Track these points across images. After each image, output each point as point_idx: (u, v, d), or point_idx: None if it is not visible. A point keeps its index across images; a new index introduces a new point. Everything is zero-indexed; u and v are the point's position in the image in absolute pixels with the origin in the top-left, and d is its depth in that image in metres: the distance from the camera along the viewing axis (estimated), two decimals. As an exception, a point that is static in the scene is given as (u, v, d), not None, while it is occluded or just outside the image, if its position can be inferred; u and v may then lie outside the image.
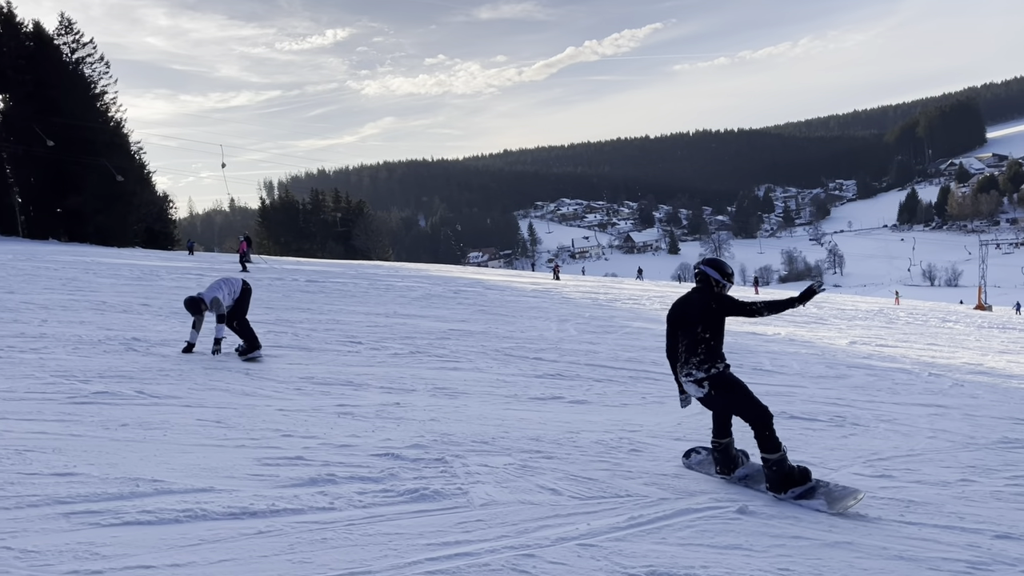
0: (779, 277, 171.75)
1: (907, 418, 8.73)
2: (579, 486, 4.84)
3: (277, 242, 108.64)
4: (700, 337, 5.30)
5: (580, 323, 21.48)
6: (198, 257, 43.75)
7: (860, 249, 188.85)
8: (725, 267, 5.58)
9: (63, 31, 68.02)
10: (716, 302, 5.33)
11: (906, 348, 21.39)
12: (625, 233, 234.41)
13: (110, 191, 63.79)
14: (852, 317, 34.70)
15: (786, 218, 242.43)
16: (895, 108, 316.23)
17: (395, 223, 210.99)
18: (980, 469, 6.10)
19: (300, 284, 28.12)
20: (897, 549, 3.96)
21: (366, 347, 12.59)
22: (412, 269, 49.60)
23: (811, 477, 5.09)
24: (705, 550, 3.77)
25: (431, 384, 8.71)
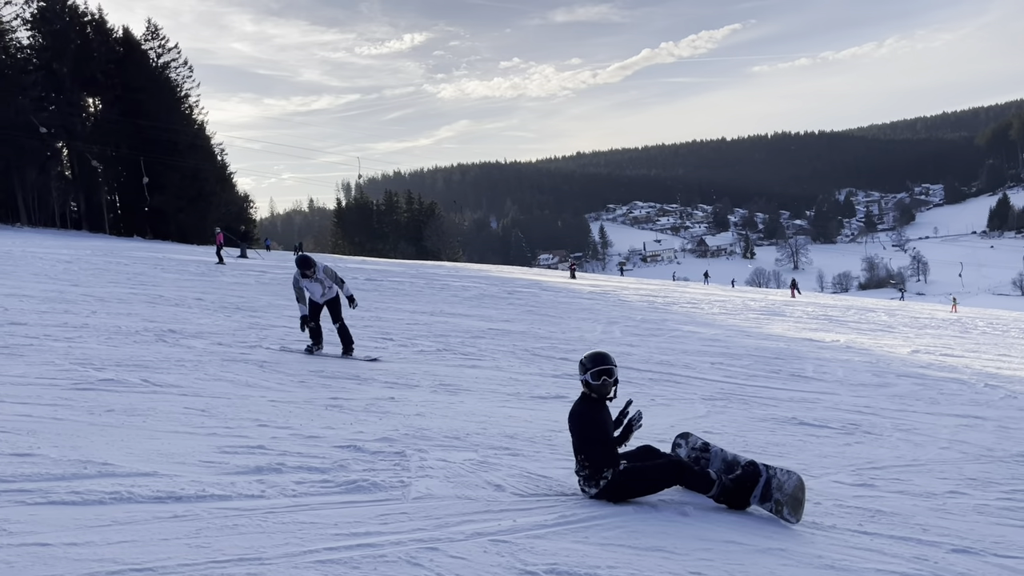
0: (859, 284, 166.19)
1: (930, 428, 8.34)
2: (529, 483, 4.79)
3: (351, 242, 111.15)
4: (577, 447, 4.83)
5: (629, 325, 21.28)
6: (262, 255, 44.95)
7: (947, 256, 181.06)
8: (603, 361, 4.96)
9: (150, 36, 71.03)
10: (591, 411, 4.78)
11: (972, 359, 20.47)
12: (698, 237, 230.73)
13: (192, 191, 66.44)
14: (924, 325, 33.39)
15: (868, 223, 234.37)
16: (987, 110, 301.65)
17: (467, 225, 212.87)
18: (980, 482, 5.78)
19: (358, 283, 28.66)
20: (832, 558, 3.79)
21: (395, 344, 12.75)
22: (474, 269, 50.01)
23: (759, 471, 4.74)
24: (624, 550, 3.68)
25: (438, 380, 8.76)
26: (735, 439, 6.75)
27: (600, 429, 4.73)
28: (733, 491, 4.74)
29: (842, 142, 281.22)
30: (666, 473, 4.74)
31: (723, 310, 31.50)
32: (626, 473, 4.70)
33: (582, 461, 4.75)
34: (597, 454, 4.67)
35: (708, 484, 4.75)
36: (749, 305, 36.48)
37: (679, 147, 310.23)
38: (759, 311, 32.86)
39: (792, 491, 4.57)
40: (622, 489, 4.68)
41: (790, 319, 30.02)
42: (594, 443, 4.69)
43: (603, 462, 4.67)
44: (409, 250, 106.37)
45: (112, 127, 64.30)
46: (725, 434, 6.95)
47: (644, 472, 4.73)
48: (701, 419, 7.67)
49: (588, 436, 4.71)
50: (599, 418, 4.76)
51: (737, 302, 38.24)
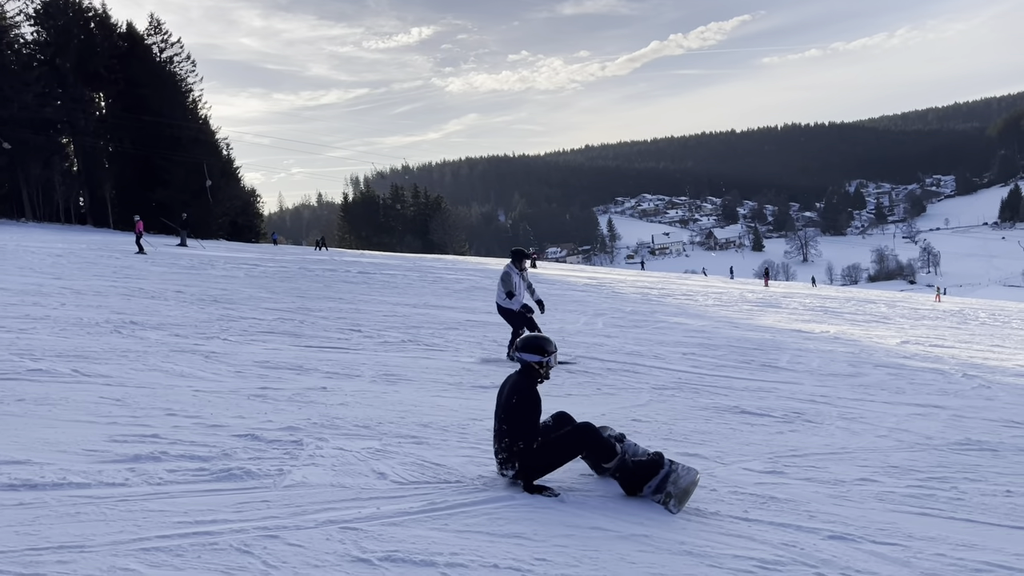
0: (868, 276, 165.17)
1: (877, 417, 8.22)
2: (416, 471, 4.73)
3: (358, 236, 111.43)
4: (500, 429, 4.77)
5: (615, 317, 21.18)
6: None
7: (957, 248, 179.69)
8: (545, 345, 4.94)
9: (153, 31, 71.19)
10: (517, 397, 4.72)
11: (961, 349, 20.28)
12: (707, 229, 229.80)
13: (196, 185, 66.66)
14: (922, 316, 33.12)
15: (878, 215, 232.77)
16: (999, 100, 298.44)
17: (475, 218, 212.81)
18: (900, 470, 5.68)
19: (350, 275, 28.69)
20: (695, 544, 3.71)
21: (361, 335, 12.71)
22: (473, 263, 49.93)
23: (663, 463, 4.70)
24: (479, 537, 3.62)
25: (383, 371, 8.71)
26: (662, 427, 6.68)
27: (536, 408, 4.73)
28: (633, 472, 4.70)
29: (852, 133, 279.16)
30: (572, 438, 4.72)
31: (718, 302, 31.31)
32: (536, 450, 4.67)
33: (503, 441, 4.72)
34: (521, 430, 4.65)
35: (611, 454, 4.74)
36: (746, 297, 36.27)
37: (688, 139, 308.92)
38: (754, 303, 32.67)
39: (685, 486, 4.55)
40: (534, 466, 4.65)
41: (785, 310, 29.82)
42: (523, 419, 4.68)
43: (524, 439, 4.66)
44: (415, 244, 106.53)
45: (116, 122, 64.60)
46: (654, 422, 6.87)
47: (550, 443, 4.70)
48: (638, 408, 7.59)
49: (521, 410, 4.68)
50: (537, 397, 4.77)
51: (734, 294, 38.04)
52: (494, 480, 4.66)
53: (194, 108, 72.57)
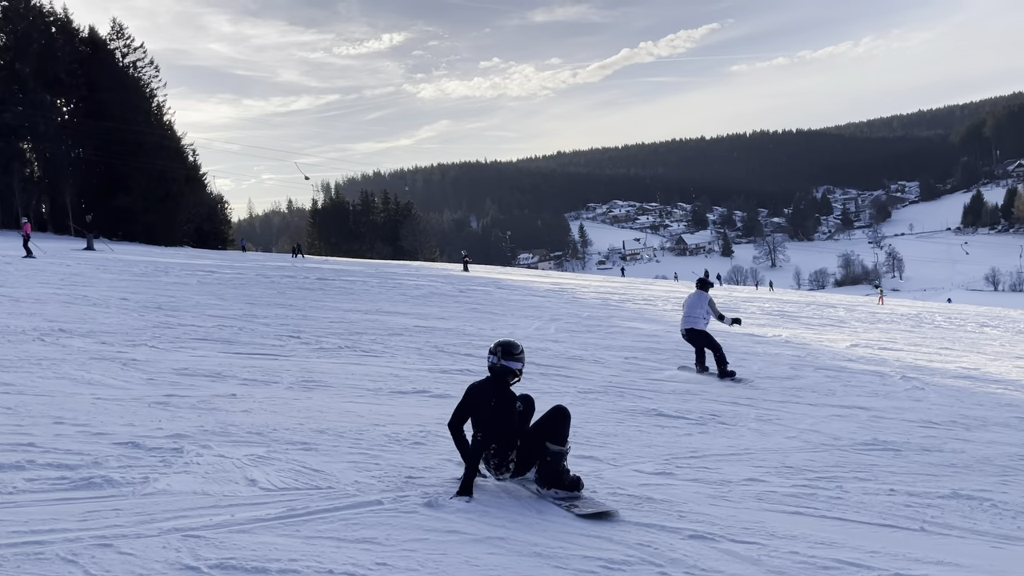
0: (835, 281, 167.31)
1: (793, 419, 8.31)
2: (290, 478, 4.69)
3: (328, 243, 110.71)
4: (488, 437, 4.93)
5: (570, 322, 21.22)
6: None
7: (922, 253, 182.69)
8: (515, 349, 5.14)
9: (115, 36, 70.26)
10: (497, 399, 4.90)
11: (909, 352, 20.59)
12: (677, 235, 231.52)
13: (159, 191, 65.79)
14: (877, 320, 33.59)
15: (845, 220, 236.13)
16: (962, 108, 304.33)
17: (446, 225, 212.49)
18: (794, 470, 5.74)
19: (308, 282, 28.46)
20: (547, 546, 3.72)
21: (298, 342, 12.60)
22: (437, 268, 49.83)
23: (580, 488, 4.84)
24: (328, 543, 3.59)
25: (304, 377, 8.64)
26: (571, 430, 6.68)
27: (504, 415, 4.86)
28: (558, 474, 4.83)
29: (819, 140, 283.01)
30: (558, 420, 4.89)
31: (677, 307, 31.43)
32: (527, 448, 4.83)
33: (493, 448, 4.83)
34: (502, 441, 4.79)
35: (564, 440, 4.86)
36: (706, 302, 36.45)
37: (658, 146, 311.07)
38: (714, 307, 32.86)
39: (585, 512, 4.60)
40: (526, 460, 4.81)
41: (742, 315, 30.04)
42: (504, 424, 4.82)
43: (506, 445, 4.80)
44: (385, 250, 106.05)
45: (77, 127, 63.64)
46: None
47: (539, 437, 4.85)
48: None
49: (502, 419, 4.82)
50: (498, 407, 4.89)
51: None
52: (369, 485, 4.64)
53: (158, 113, 71.67)
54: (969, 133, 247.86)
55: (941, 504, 5.09)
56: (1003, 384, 14.92)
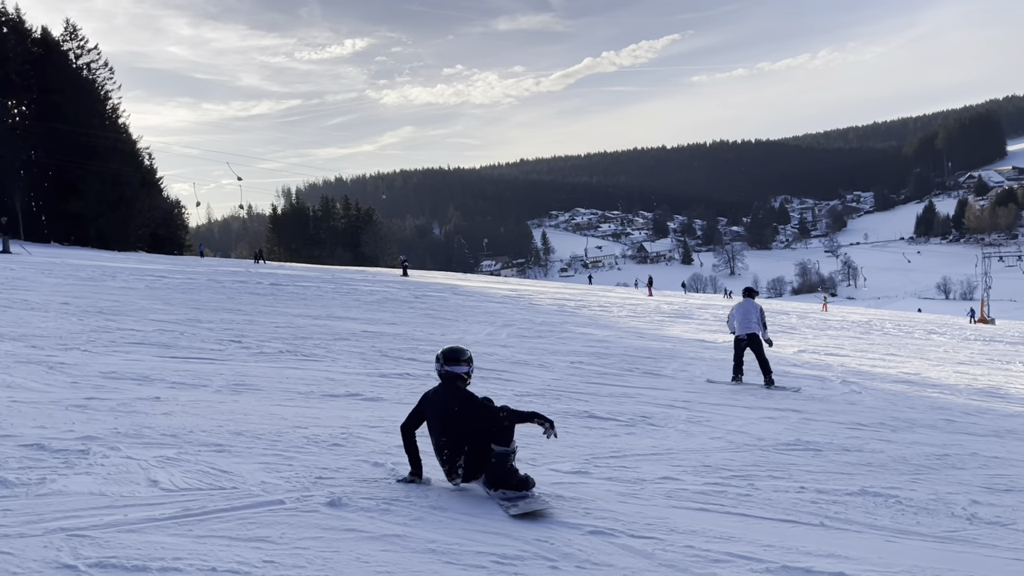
0: (792, 289, 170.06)
1: (723, 421, 8.44)
2: (195, 479, 4.65)
3: (287, 248, 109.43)
4: (441, 442, 5.00)
5: (523, 327, 21.26)
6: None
7: (876, 262, 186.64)
8: (461, 355, 5.23)
9: (68, 37, 68.85)
10: (458, 404, 5.00)
11: (854, 358, 21.01)
12: (639, 243, 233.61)
13: (113, 195, 64.49)
14: (828, 327, 34.20)
15: (802, 230, 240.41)
16: (915, 120, 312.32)
17: (409, 231, 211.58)
18: (711, 468, 5.85)
19: (261, 287, 28.09)
20: (443, 543, 3.75)
21: (239, 346, 12.46)
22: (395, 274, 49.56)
23: (529, 487, 4.90)
24: (217, 542, 3.58)
25: (237, 381, 8.55)
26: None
27: (479, 404, 5.00)
28: (506, 473, 4.89)
29: (777, 151, 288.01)
30: (501, 428, 4.93)
31: (632, 313, 31.75)
32: (474, 451, 4.92)
33: (440, 451, 4.94)
34: (455, 443, 4.92)
35: (510, 440, 4.93)
36: (661, 309, 36.86)
37: (620, 155, 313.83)
38: (667, 314, 33.24)
39: (529, 509, 4.65)
40: (478, 460, 4.88)
41: (695, 321, 30.41)
42: (456, 432, 4.93)
43: (460, 447, 4.91)
44: (346, 256, 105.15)
45: (28, 130, 62.17)
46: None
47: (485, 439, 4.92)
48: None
49: (468, 409, 4.96)
50: (461, 412, 4.97)
51: (651, 305, 38.67)
52: (275, 486, 4.62)
53: (113, 116, 70.35)
54: (922, 145, 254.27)
55: (847, 501, 5.21)
56: (940, 389, 15.31)
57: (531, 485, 4.89)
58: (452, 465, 4.93)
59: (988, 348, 29.33)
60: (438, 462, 5.03)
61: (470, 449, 4.89)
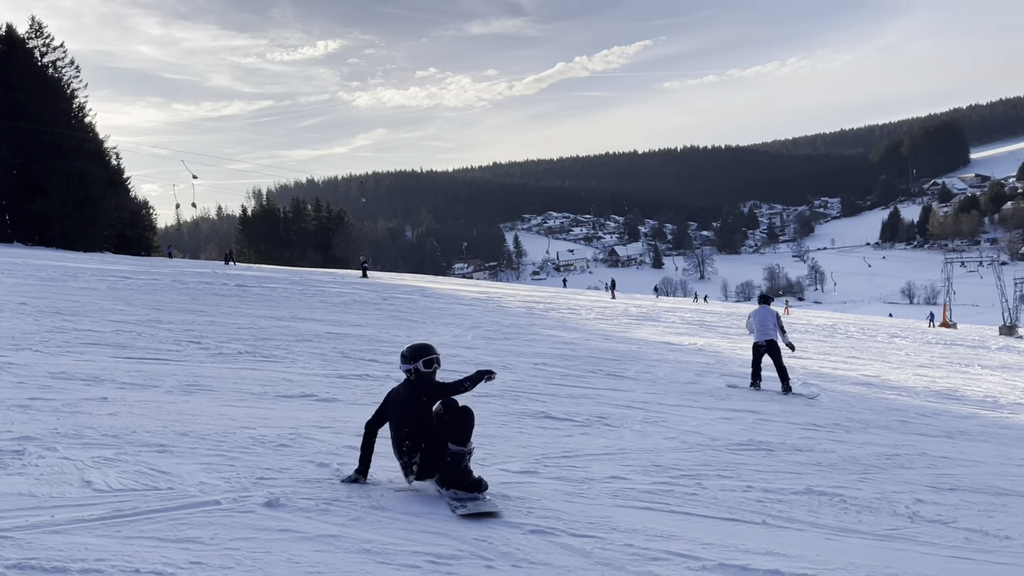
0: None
1: (679, 421, 8.47)
2: (131, 479, 4.57)
3: (257, 250, 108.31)
4: (403, 433, 5.01)
5: (490, 329, 21.20)
6: (138, 261, 43.04)
7: (843, 266, 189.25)
8: (428, 351, 5.25)
9: (33, 35, 67.65)
10: (428, 395, 5.04)
11: (816, 360, 21.24)
12: (610, 247, 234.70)
13: (78, 195, 63.39)
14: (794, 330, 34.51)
15: (770, 234, 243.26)
16: (881, 127, 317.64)
17: (380, 233, 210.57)
18: (661, 468, 5.86)
19: (228, 288, 27.75)
20: (379, 543, 3.71)
21: (197, 347, 12.28)
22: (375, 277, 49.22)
23: (482, 489, 4.91)
24: (144, 543, 3.51)
25: (190, 382, 8.42)
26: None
27: (441, 385, 5.03)
28: (459, 474, 4.89)
29: (747, 156, 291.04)
30: (460, 420, 4.98)
31: (600, 316, 31.82)
32: (431, 450, 4.91)
33: (401, 442, 4.93)
34: (416, 435, 4.90)
35: (467, 440, 4.95)
36: (629, 311, 36.99)
37: (592, 159, 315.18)
38: (635, 316, 33.38)
39: (478, 511, 4.64)
40: (434, 458, 4.87)
41: (662, 324, 30.58)
42: (442, 393, 5.01)
43: (419, 442, 4.91)
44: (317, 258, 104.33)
45: (-9, 128, 60.90)
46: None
47: (441, 437, 4.94)
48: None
49: (435, 396, 5.00)
50: (429, 403, 5.00)
51: (619, 308, 38.80)
52: (214, 486, 4.55)
53: (79, 115, 69.21)
54: (887, 152, 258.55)
55: (792, 500, 5.25)
56: (898, 391, 15.54)
57: (484, 488, 4.90)
58: (409, 459, 4.92)
59: (948, 351, 29.85)
60: (395, 456, 5.03)
61: (428, 446, 4.88)
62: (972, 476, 6.72)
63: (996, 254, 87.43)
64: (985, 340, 40.65)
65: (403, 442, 4.95)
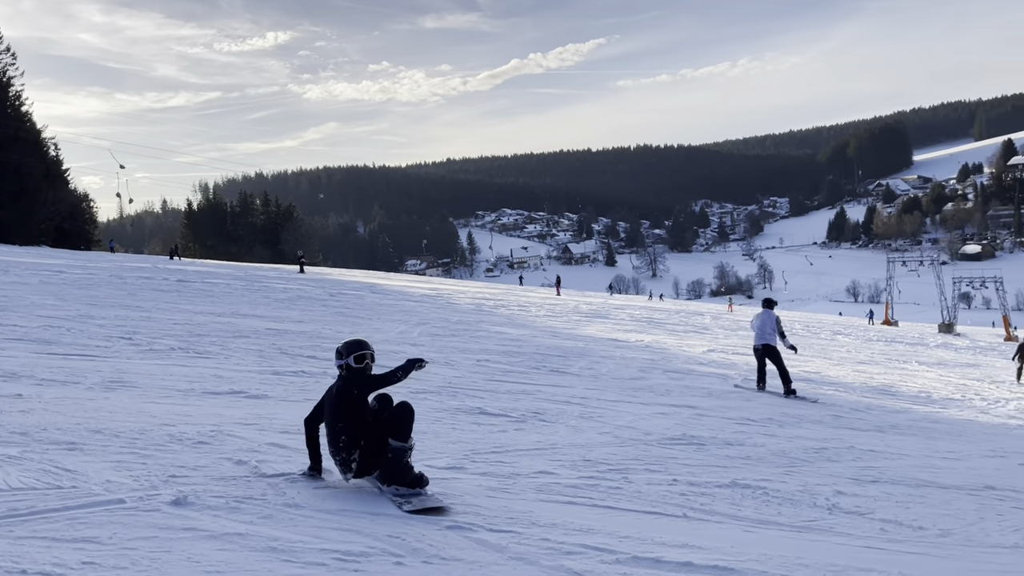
0: (711, 291, 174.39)
1: (615, 416, 8.51)
2: (32, 478, 4.39)
3: (203, 245, 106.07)
4: (338, 428, 4.96)
5: (438, 326, 21.06)
6: (75, 256, 41.83)
7: (791, 265, 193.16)
8: (361, 346, 5.20)
9: (-34, 20, 65.23)
10: (359, 388, 4.99)
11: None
12: (564, 244, 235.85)
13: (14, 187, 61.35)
14: (739, 327, 35.05)
15: (721, 233, 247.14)
16: (828, 129, 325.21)
17: (331, 229, 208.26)
18: (591, 463, 5.86)
19: (168, 283, 27.11)
20: (287, 540, 3.63)
21: (128, 343, 11.95)
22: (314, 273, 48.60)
23: (423, 485, 4.87)
24: (36, 543, 3.38)
25: (113, 378, 8.16)
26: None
27: (374, 379, 5.00)
28: (401, 470, 4.84)
29: (699, 156, 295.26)
30: (401, 416, 4.92)
31: (550, 313, 31.87)
32: (370, 446, 4.85)
33: (337, 438, 4.88)
34: (353, 430, 4.85)
35: (407, 436, 4.90)
36: (580, 309, 37.14)
37: (547, 156, 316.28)
38: (585, 313, 33.52)
39: (422, 507, 4.61)
40: (374, 451, 4.82)
41: (611, 321, 30.76)
42: (375, 386, 4.98)
43: (357, 438, 4.85)
44: (265, 254, 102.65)
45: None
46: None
47: (382, 433, 4.88)
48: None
49: (368, 389, 4.96)
50: (361, 396, 4.95)
51: (569, 305, 38.95)
52: (120, 485, 4.40)
53: (15, 104, 67.00)
54: (834, 153, 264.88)
55: (716, 492, 5.29)
56: (837, 386, 15.86)
57: (425, 483, 4.87)
58: (347, 457, 4.87)
59: (888, 348, 30.64)
60: (331, 454, 4.98)
61: (367, 443, 4.85)
62: (895, 469, 6.87)
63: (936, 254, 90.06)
64: (924, 337, 41.87)
65: (339, 438, 4.90)
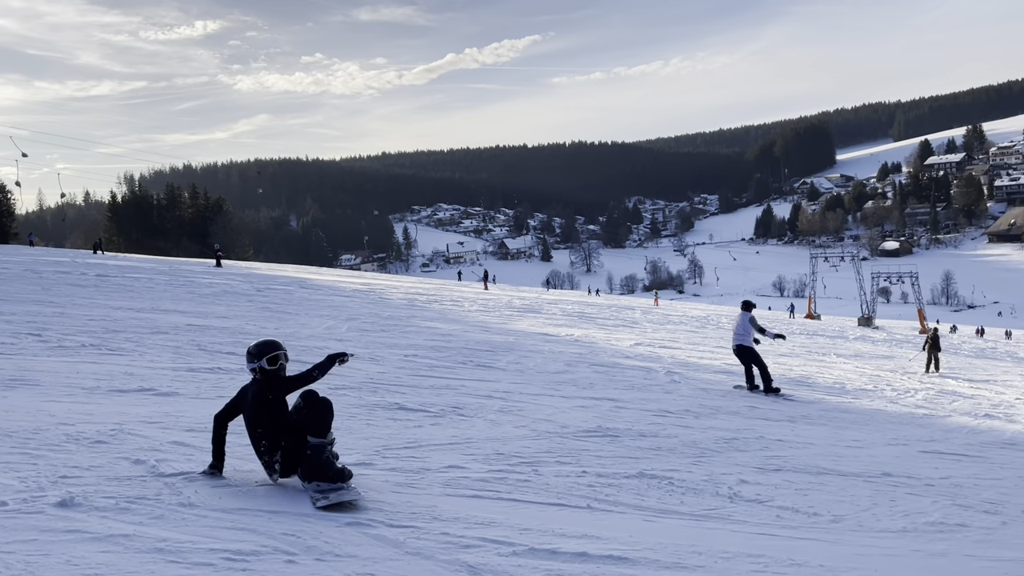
0: (643, 286, 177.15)
1: (534, 410, 8.58)
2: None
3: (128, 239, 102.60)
4: (257, 433, 4.87)
5: (367, 321, 20.85)
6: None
7: (720, 260, 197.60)
8: (273, 347, 5.05)
9: None
10: (273, 391, 4.89)
11: (686, 350, 21.92)
12: (500, 239, 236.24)
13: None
14: (667, 321, 35.69)
15: (653, 229, 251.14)
16: (756, 128, 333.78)
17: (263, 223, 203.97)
18: (503, 456, 5.91)
19: (87, 278, 26.20)
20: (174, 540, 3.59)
21: (36, 340, 11.53)
22: (242, 267, 47.58)
23: (346, 479, 4.82)
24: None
25: (13, 376, 7.86)
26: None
27: (289, 380, 4.91)
28: (320, 466, 4.79)
29: (632, 153, 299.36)
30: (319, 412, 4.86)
31: (482, 308, 31.86)
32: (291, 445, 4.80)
33: (258, 442, 4.82)
34: (272, 435, 4.79)
35: (324, 433, 4.87)
36: (513, 304, 37.24)
37: (483, 151, 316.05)
38: (518, 308, 33.63)
39: (339, 501, 4.60)
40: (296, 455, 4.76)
41: (543, 315, 30.93)
42: (291, 387, 4.89)
43: (277, 441, 4.79)
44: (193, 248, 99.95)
45: None
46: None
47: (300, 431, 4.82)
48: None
49: (284, 390, 4.88)
50: (277, 399, 4.87)
51: (503, 300, 39.04)
52: (6, 486, 4.24)
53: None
54: (762, 152, 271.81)
55: (622, 484, 5.38)
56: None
57: (348, 477, 4.84)
58: (270, 459, 4.83)
59: (809, 341, 31.61)
60: (257, 456, 4.92)
61: (287, 444, 4.79)
62: (799, 457, 7.09)
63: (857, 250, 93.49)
64: (844, 331, 43.36)
65: (260, 443, 4.85)
